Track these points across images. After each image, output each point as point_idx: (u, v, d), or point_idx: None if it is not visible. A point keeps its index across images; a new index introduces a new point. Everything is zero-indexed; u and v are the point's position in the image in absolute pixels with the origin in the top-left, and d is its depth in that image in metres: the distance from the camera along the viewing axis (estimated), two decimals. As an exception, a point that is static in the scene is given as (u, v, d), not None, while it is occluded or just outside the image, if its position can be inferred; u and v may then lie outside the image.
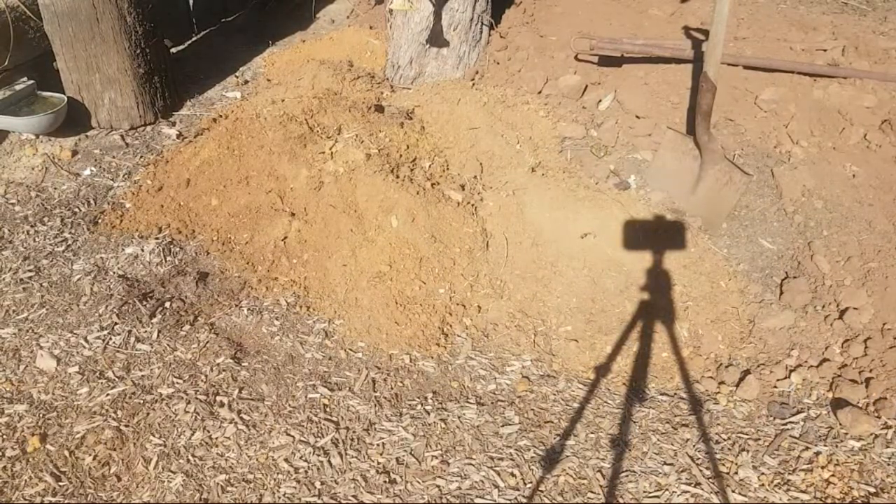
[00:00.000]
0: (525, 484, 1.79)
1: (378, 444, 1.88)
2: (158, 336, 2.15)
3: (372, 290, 2.32)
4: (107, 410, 1.90)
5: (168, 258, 2.45)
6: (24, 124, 2.92)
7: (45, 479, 1.72)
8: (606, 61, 2.95)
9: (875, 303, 2.22)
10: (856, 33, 2.94)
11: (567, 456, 1.87)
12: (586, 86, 2.94)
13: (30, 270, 2.36)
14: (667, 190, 2.65)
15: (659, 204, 2.62)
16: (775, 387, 2.11)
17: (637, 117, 2.80)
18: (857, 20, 3.08)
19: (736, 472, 1.84)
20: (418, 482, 1.78)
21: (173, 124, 3.29)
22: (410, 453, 1.86)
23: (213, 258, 2.48)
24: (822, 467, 1.84)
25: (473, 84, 3.18)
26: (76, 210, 2.68)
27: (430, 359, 2.17)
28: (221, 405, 1.95)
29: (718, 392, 2.11)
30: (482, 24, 3.15)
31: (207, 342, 2.14)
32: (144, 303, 2.24)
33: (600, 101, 2.91)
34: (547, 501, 1.75)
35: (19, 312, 2.20)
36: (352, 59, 3.55)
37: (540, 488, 1.78)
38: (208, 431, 1.88)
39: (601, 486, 1.79)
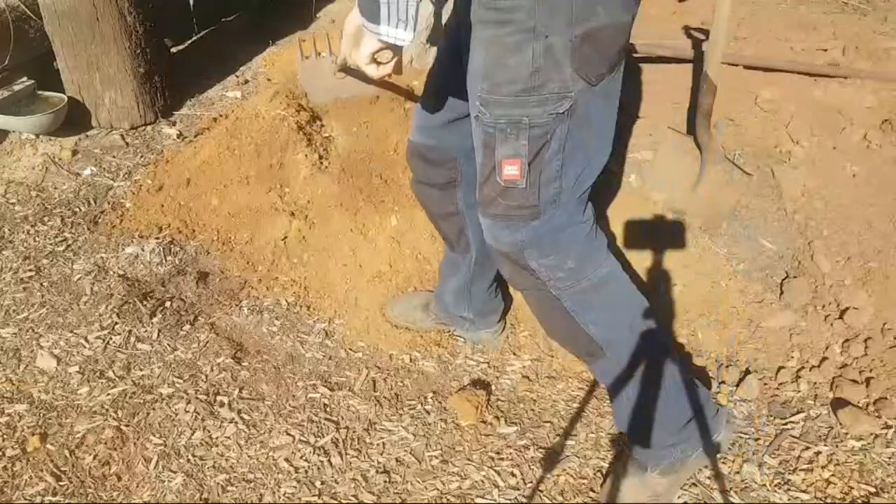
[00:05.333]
0: (525, 484, 1.79)
1: (378, 444, 1.88)
2: (159, 336, 2.15)
3: (372, 290, 2.33)
4: (107, 410, 1.91)
5: (168, 258, 2.45)
6: (24, 124, 2.92)
7: (46, 479, 1.72)
8: (607, 61, 2.94)
9: (875, 302, 2.22)
10: (856, 33, 2.94)
11: (567, 456, 1.87)
12: (587, 86, 2.93)
13: (30, 270, 2.36)
14: (667, 190, 2.64)
15: (659, 203, 2.62)
16: (775, 387, 2.11)
17: (637, 117, 2.79)
18: (858, 20, 3.08)
19: (737, 472, 1.84)
20: (418, 482, 1.79)
21: (173, 124, 3.29)
22: (410, 453, 1.86)
23: (213, 258, 2.48)
24: (823, 467, 1.84)
25: (474, 84, 3.17)
26: (76, 210, 2.68)
27: (431, 358, 2.17)
28: (222, 405, 1.95)
29: (718, 392, 2.10)
30: (482, 23, 3.15)
31: (208, 342, 2.15)
32: (145, 302, 2.25)
33: (600, 100, 2.91)
34: (547, 501, 1.75)
35: (19, 312, 2.20)
36: (352, 58, 3.54)
37: (540, 488, 1.78)
38: (208, 431, 1.88)
39: (601, 486, 1.79)
